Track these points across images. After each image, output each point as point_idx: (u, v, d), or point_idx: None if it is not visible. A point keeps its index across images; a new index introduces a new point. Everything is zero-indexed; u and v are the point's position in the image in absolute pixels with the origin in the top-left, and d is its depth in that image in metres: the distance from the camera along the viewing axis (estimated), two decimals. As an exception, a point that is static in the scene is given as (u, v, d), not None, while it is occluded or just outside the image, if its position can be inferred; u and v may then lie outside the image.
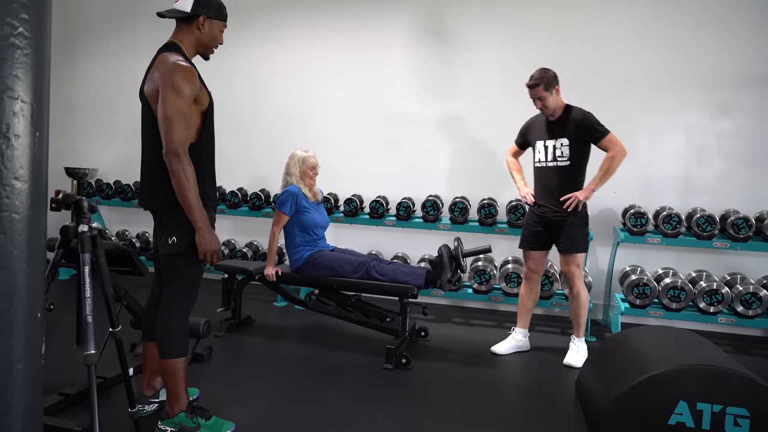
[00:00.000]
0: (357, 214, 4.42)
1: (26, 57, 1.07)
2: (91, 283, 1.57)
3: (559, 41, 4.25)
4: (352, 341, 3.45)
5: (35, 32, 1.08)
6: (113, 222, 5.37)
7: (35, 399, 1.15)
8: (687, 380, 2.07)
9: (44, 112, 1.13)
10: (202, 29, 2.11)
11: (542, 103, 3.08)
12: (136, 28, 5.27)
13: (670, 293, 3.62)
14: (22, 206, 1.07)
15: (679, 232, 3.75)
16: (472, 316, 4.19)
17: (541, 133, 3.21)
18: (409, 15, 4.60)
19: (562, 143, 3.11)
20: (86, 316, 1.55)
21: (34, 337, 1.13)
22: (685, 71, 4.03)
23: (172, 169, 1.92)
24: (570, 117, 3.10)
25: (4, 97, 1.04)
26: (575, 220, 3.11)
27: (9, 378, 1.08)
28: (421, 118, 4.59)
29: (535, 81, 3.05)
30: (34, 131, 1.09)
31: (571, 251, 3.13)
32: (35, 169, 1.10)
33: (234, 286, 3.63)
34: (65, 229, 1.64)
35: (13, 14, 1.04)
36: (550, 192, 3.16)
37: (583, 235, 3.15)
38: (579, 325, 3.22)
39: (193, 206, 1.95)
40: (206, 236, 1.98)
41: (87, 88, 5.45)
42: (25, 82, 1.07)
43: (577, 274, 3.16)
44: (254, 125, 5.00)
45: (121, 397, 2.40)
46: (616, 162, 3.04)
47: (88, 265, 1.59)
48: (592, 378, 2.56)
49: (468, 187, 4.46)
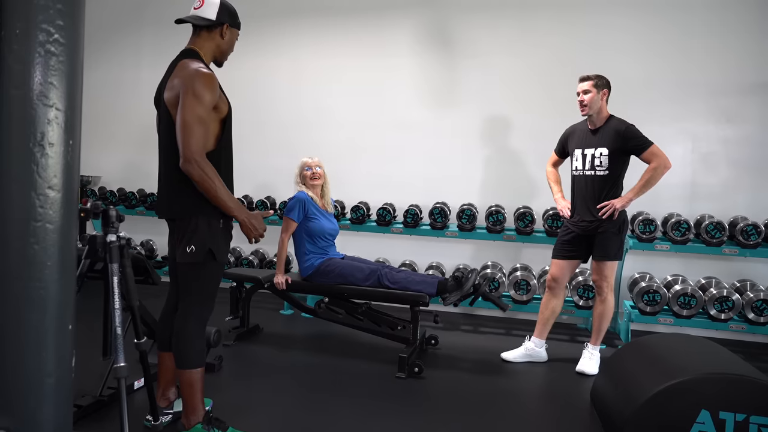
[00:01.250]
0: (364, 221, 4.40)
1: (61, 64, 1.05)
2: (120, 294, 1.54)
3: (564, 48, 4.27)
4: (362, 350, 3.41)
5: (70, 39, 1.06)
6: (116, 230, 5.32)
7: (66, 413, 1.12)
8: (709, 389, 2.06)
9: (77, 120, 1.11)
10: (224, 37, 2.11)
11: (586, 97, 3.02)
12: (139, 36, 5.25)
13: (680, 300, 3.61)
14: (56, 216, 1.05)
15: (688, 239, 3.75)
16: (481, 324, 4.17)
17: (580, 141, 3.15)
18: (414, 23, 4.61)
19: (602, 152, 3.04)
20: (115, 328, 1.51)
21: (65, 351, 1.10)
22: (691, 79, 4.05)
23: (194, 176, 1.90)
24: (611, 127, 3.04)
25: (39, 105, 1.02)
26: (610, 227, 3.04)
27: (41, 393, 1.05)
28: (427, 125, 4.59)
29: (589, 75, 3.06)
30: (68, 139, 1.07)
31: (603, 258, 3.07)
32: (68, 178, 1.08)
33: (242, 295, 3.60)
34: (93, 239, 1.61)
35: (49, 20, 1.02)
36: (585, 201, 3.11)
37: (616, 243, 3.08)
38: (599, 332, 3.18)
39: (227, 202, 1.97)
40: (251, 223, 2.05)
41: (91, 96, 5.35)
42: (60, 89, 1.05)
43: (607, 283, 3.09)
44: (259, 133, 4.98)
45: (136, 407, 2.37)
46: (658, 174, 2.98)
47: (117, 276, 1.56)
48: (609, 386, 2.54)
49: (475, 195, 4.45)
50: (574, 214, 3.20)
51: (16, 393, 1.03)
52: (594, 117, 3.08)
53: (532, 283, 3.91)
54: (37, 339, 1.05)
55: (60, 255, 1.08)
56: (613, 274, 3.16)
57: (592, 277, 3.20)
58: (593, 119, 3.10)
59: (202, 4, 2.08)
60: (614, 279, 3.19)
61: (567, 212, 3.23)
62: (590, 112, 3.06)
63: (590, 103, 3.04)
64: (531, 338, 3.33)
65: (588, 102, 3.03)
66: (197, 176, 1.89)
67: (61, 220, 1.07)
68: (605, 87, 3.07)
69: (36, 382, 1.06)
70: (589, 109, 3.05)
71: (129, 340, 2.37)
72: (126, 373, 1.53)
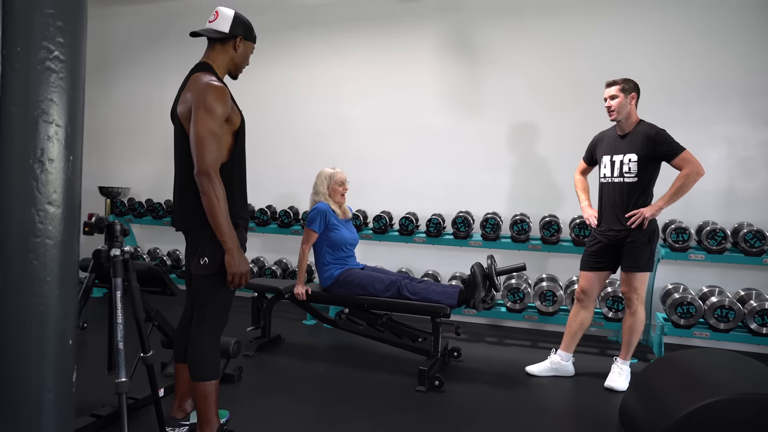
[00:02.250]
0: (386, 231, 4.37)
1: (61, 81, 1.06)
2: (123, 308, 1.54)
3: (590, 51, 4.16)
4: (384, 362, 3.37)
5: (71, 56, 1.07)
6: (145, 240, 5.44)
7: (67, 427, 1.12)
8: (746, 410, 1.93)
9: (78, 136, 1.12)
10: (237, 50, 2.12)
11: (613, 102, 2.94)
12: (164, 50, 5.38)
13: (716, 313, 3.43)
14: (56, 231, 1.05)
15: (725, 248, 3.57)
16: (507, 336, 4.07)
17: (609, 147, 3.05)
18: (436, 30, 4.58)
19: (630, 159, 2.92)
20: (117, 342, 1.52)
21: (65, 365, 1.10)
22: (725, 80, 3.88)
23: (203, 189, 1.90)
24: (641, 132, 2.92)
25: (39, 121, 1.03)
26: (639, 237, 2.91)
27: (40, 408, 1.05)
28: (449, 133, 4.54)
29: (616, 80, 2.97)
30: (68, 155, 1.08)
31: (632, 269, 2.94)
32: (69, 194, 1.08)
33: (263, 305, 3.60)
34: (98, 253, 1.63)
35: (50, 38, 1.03)
36: (613, 209, 2.99)
37: (646, 253, 2.94)
38: (629, 346, 3.05)
39: (223, 226, 1.92)
40: (235, 258, 1.94)
41: (119, 110, 5.58)
42: (60, 105, 1.06)
43: (637, 295, 2.96)
44: (282, 143, 5.03)
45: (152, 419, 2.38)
46: (690, 181, 2.85)
47: (120, 290, 1.56)
48: (638, 403, 2.42)
49: (500, 203, 4.37)
50: (601, 223, 3.08)
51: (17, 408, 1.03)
52: (623, 122, 2.97)
53: (558, 294, 3.80)
54: (37, 354, 1.06)
55: (60, 270, 1.08)
56: (644, 286, 3.02)
57: (621, 289, 3.07)
58: (622, 125, 2.99)
59: (216, 17, 2.10)
60: (645, 291, 3.06)
61: (594, 221, 3.12)
62: (618, 117, 2.95)
63: (618, 108, 2.93)
64: (557, 351, 3.22)
65: (615, 107, 2.94)
66: (205, 190, 1.90)
67: (61, 236, 1.08)
68: (633, 91, 2.96)
69: (36, 397, 1.06)
70: (618, 115, 2.95)
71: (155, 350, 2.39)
72: (127, 388, 1.54)
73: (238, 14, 2.12)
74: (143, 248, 5.36)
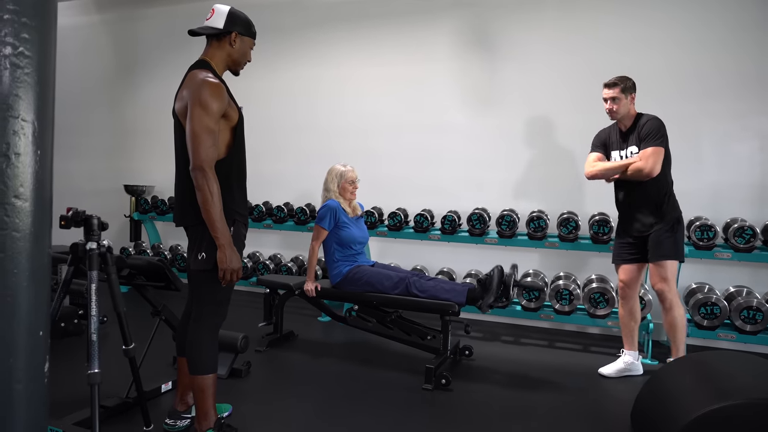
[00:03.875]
0: (401, 228, 4.34)
1: (27, 76, 1.07)
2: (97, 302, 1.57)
3: (609, 46, 4.02)
4: (394, 359, 3.34)
5: (37, 52, 1.09)
6: (168, 237, 5.57)
7: (39, 419, 1.14)
8: (761, 416, 1.82)
9: (47, 131, 1.13)
10: (233, 45, 2.13)
11: (614, 104, 2.95)
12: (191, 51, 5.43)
13: (743, 314, 3.27)
14: (23, 225, 1.07)
15: (753, 246, 3.40)
16: (523, 335, 3.98)
17: (615, 143, 3.06)
18: (452, 25, 4.51)
19: (632, 151, 2.95)
20: (91, 334, 1.54)
21: (35, 357, 1.12)
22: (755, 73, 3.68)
23: (197, 184, 1.92)
24: (638, 124, 2.96)
25: (5, 116, 1.04)
26: (662, 227, 2.89)
27: (9, 399, 1.08)
28: (466, 129, 4.47)
29: (615, 81, 2.95)
30: (36, 149, 1.09)
31: (658, 258, 2.87)
32: (37, 188, 1.10)
33: (275, 301, 3.63)
34: (75, 247, 1.66)
35: (14, 34, 1.05)
36: (631, 205, 2.98)
37: (671, 242, 2.88)
38: (676, 345, 2.94)
39: (216, 222, 1.93)
40: (227, 254, 1.95)
41: (146, 111, 5.72)
42: (26, 101, 1.07)
43: (668, 287, 2.87)
44: (300, 140, 5.06)
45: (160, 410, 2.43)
46: (631, 172, 2.87)
47: (94, 283, 1.59)
48: (650, 406, 2.32)
49: (516, 200, 4.28)
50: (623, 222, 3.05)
51: (-14, 398, 1.05)
52: (623, 119, 3.01)
53: (575, 292, 3.68)
54: (4, 345, 1.07)
55: (29, 263, 1.10)
56: (674, 277, 2.92)
57: (652, 283, 2.95)
58: (623, 121, 3.02)
59: (212, 14, 2.12)
60: (675, 282, 2.94)
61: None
62: (619, 116, 3.00)
63: (620, 111, 2.96)
64: (624, 351, 3.13)
65: (618, 110, 2.96)
66: (200, 185, 1.91)
67: (30, 228, 1.09)
68: (632, 90, 2.97)
69: (5, 388, 1.08)
70: (618, 115, 2.98)
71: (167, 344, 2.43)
72: (99, 379, 1.56)
73: (234, 10, 2.13)
74: (165, 245, 5.49)
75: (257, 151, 3.93)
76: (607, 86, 2.97)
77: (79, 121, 6.03)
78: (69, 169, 5.99)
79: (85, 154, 6.03)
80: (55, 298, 1.67)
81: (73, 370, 2.68)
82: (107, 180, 5.81)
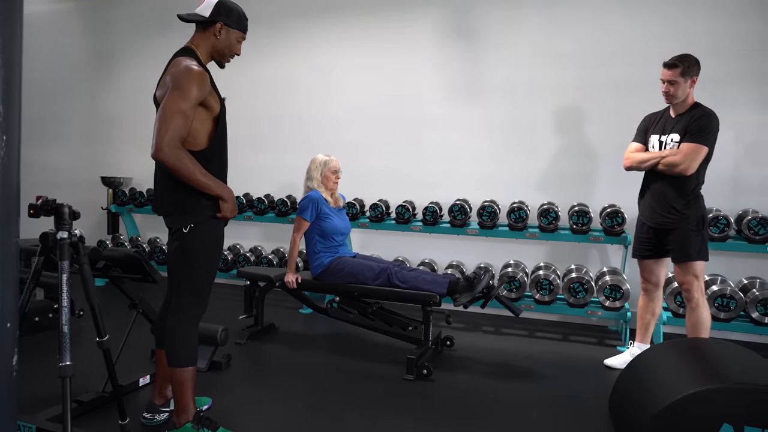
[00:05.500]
0: (383, 219, 4.33)
1: (-10, 59, 1.04)
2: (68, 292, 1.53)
3: (591, 33, 4.04)
4: (376, 350, 3.34)
5: (1, 34, 1.05)
6: (147, 229, 5.48)
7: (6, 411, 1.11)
8: (733, 400, 1.86)
9: (14, 117, 1.09)
10: (218, 36, 2.08)
11: (670, 87, 2.76)
12: (168, 38, 5.34)
13: (717, 302, 3.34)
14: (-12, 213, 1.04)
15: (727, 236, 3.46)
16: (504, 325, 4.01)
17: (659, 128, 2.89)
18: (435, 16, 4.49)
19: (673, 139, 2.78)
20: (62, 326, 1.51)
21: (1, 349, 1.09)
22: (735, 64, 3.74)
23: (169, 165, 1.87)
24: (692, 115, 2.77)
25: (-33, 100, 1.01)
26: (686, 225, 2.77)
27: (-25, 391, 1.05)
28: (448, 120, 4.47)
29: (675, 61, 2.75)
30: (1, 135, 1.06)
31: (684, 260, 2.77)
32: (4, 174, 1.06)
33: (256, 293, 3.60)
34: (45, 236, 1.62)
35: (-24, 15, 1.01)
36: (655, 192, 2.86)
37: (696, 241, 2.76)
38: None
39: (208, 185, 1.96)
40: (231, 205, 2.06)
41: (121, 100, 5.61)
42: (-10, 85, 1.04)
43: (695, 286, 2.77)
44: (280, 131, 5.01)
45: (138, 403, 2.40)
46: (665, 165, 2.75)
47: (66, 273, 1.55)
48: (626, 395, 2.36)
49: (497, 191, 4.29)
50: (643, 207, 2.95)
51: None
52: (678, 105, 2.82)
53: (555, 282, 3.72)
54: (-30, 337, 1.05)
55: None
56: (702, 275, 2.82)
57: (678, 282, 2.89)
58: (676, 107, 2.84)
59: (203, 2, 2.08)
60: (703, 280, 2.85)
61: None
62: (675, 101, 2.80)
63: (677, 95, 2.77)
64: (635, 343, 3.12)
65: (674, 93, 2.76)
66: (171, 164, 1.86)
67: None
68: (694, 73, 2.75)
69: (-29, 380, 1.05)
70: (675, 99, 2.79)
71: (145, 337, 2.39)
72: (71, 372, 1.53)
73: (225, 1, 2.07)
74: (144, 237, 5.40)
75: (237, 141, 3.86)
76: (667, 66, 2.76)
77: (54, 110, 5.88)
78: (44, 160, 5.86)
79: (61, 144, 5.90)
80: (25, 290, 1.62)
81: (48, 365, 2.62)
82: (83, 171, 5.69)
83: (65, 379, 1.49)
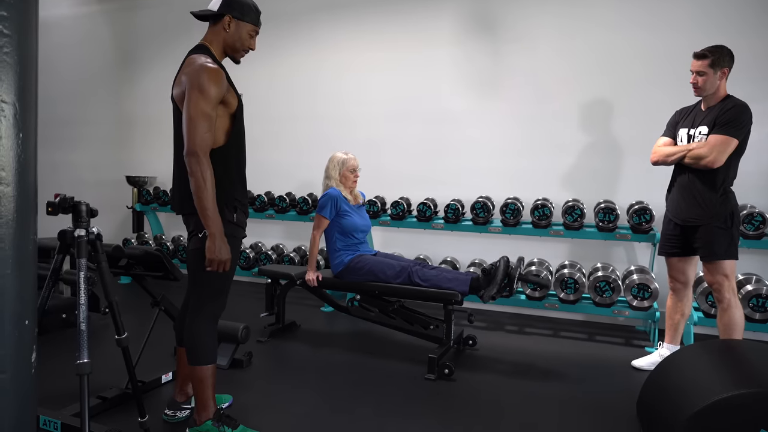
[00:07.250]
0: (404, 217, 4.29)
1: (6, 56, 1.03)
2: (86, 290, 1.54)
3: (615, 28, 3.92)
4: (397, 349, 3.31)
5: (17, 30, 1.04)
6: (171, 228, 5.55)
7: (25, 408, 1.11)
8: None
9: (30, 113, 1.09)
10: (227, 29, 2.06)
11: (699, 78, 2.69)
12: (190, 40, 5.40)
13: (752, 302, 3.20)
14: (5, 210, 1.04)
15: (763, 233, 3.33)
16: (527, 324, 3.94)
17: (688, 121, 2.81)
18: (454, 10, 4.42)
19: (701, 131, 2.70)
20: (80, 323, 1.51)
21: (21, 346, 1.09)
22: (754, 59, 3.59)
23: (190, 170, 1.88)
24: (722, 107, 2.68)
25: (-17, 98, 1.01)
26: (714, 222, 2.67)
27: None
28: (469, 116, 4.40)
29: (705, 52, 2.68)
30: (18, 132, 1.05)
31: (712, 258, 2.69)
32: (21, 172, 1.06)
33: (277, 291, 3.61)
34: (63, 234, 1.63)
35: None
36: (681, 187, 2.78)
37: (725, 240, 2.67)
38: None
39: (208, 210, 1.88)
40: (216, 243, 1.90)
41: (146, 101, 5.68)
42: (6, 81, 1.03)
43: (726, 285, 2.69)
44: (302, 129, 5.01)
45: (160, 400, 2.42)
46: (691, 158, 2.67)
47: (83, 271, 1.56)
48: (658, 396, 2.28)
49: (521, 188, 4.22)
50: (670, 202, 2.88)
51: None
52: (708, 98, 2.75)
53: (580, 281, 3.63)
54: (-12, 334, 1.05)
55: (13, 250, 1.06)
56: (733, 274, 2.71)
57: (707, 281, 2.80)
58: (707, 100, 2.76)
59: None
60: (734, 279, 2.74)
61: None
62: (704, 94, 2.73)
63: (704, 86, 2.69)
64: (663, 344, 3.05)
65: (702, 85, 2.69)
66: (193, 170, 1.87)
67: (12, 214, 1.06)
68: (725, 65, 2.67)
69: (-10, 378, 1.05)
70: (703, 92, 2.72)
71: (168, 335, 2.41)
72: (89, 369, 1.53)
73: None
74: (168, 236, 5.47)
75: (257, 139, 3.90)
76: (696, 57, 2.70)
77: (80, 112, 6.00)
78: (72, 160, 5.99)
79: (87, 145, 6.01)
80: (44, 288, 1.64)
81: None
82: (109, 171, 5.80)
83: (83, 376, 1.50)
